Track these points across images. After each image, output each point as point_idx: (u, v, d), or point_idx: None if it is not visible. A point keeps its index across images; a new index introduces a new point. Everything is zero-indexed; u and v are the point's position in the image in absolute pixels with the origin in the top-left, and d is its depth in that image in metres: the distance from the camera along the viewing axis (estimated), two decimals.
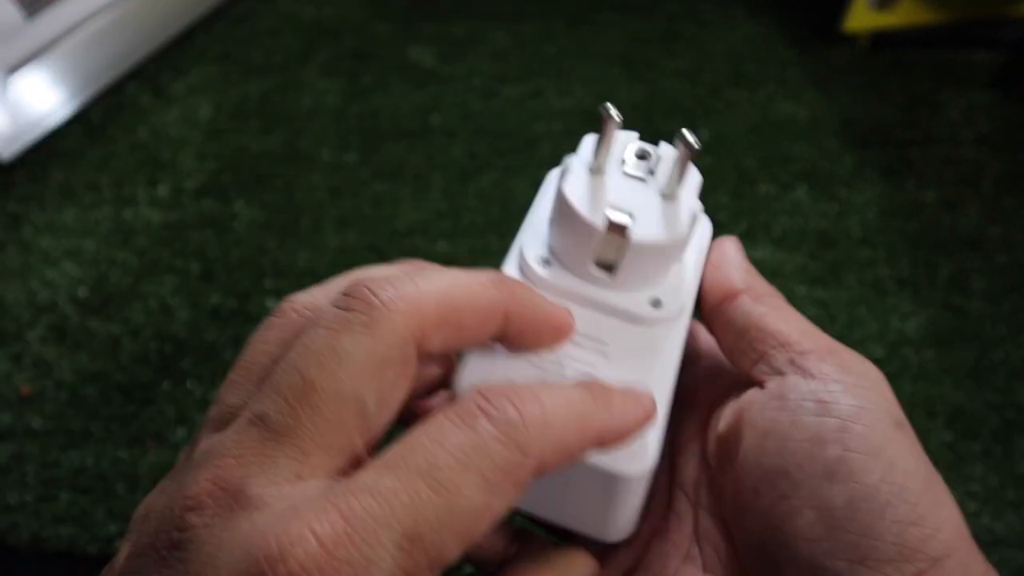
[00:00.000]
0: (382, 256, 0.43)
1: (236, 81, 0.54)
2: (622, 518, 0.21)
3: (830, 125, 0.49)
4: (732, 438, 0.20)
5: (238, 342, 0.40)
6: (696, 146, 0.20)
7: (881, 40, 0.54)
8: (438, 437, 0.14)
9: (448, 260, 0.44)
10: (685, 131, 0.20)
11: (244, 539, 0.13)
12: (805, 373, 0.19)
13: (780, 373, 0.20)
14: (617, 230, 0.20)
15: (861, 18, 0.51)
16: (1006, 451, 0.36)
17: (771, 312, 0.21)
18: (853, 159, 0.47)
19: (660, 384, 0.21)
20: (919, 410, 0.37)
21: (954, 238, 0.44)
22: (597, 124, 0.25)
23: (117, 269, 0.44)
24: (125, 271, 0.43)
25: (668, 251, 0.21)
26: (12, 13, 0.47)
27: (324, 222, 0.45)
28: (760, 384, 0.20)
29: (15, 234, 0.45)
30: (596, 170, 0.22)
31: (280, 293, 0.42)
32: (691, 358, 0.24)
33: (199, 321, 0.41)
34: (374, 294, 0.16)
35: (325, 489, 0.14)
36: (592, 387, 0.17)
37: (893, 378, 0.39)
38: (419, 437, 0.14)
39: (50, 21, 0.49)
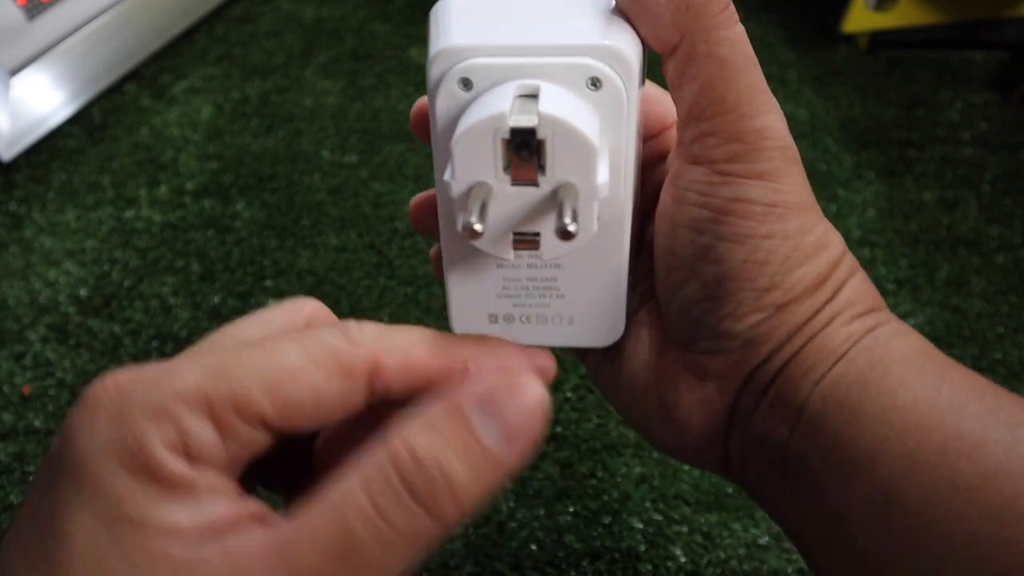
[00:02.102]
0: (382, 255, 0.44)
1: (237, 82, 0.54)
2: (612, 335, 0.24)
3: (829, 125, 0.50)
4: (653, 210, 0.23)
5: None
6: (572, 230, 0.18)
7: (879, 41, 0.54)
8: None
9: None
10: (566, 220, 0.18)
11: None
12: (700, 159, 0.21)
13: (688, 154, 0.21)
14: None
15: (860, 19, 0.52)
16: None
17: (703, 73, 0.21)
18: (852, 159, 0.48)
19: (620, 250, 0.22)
20: None
21: (953, 238, 0.44)
22: None
23: (118, 269, 0.44)
24: (126, 271, 0.44)
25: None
26: (14, 14, 0.47)
27: (324, 222, 0.45)
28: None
29: (17, 234, 0.46)
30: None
31: (280, 293, 0.42)
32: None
33: (200, 321, 0.41)
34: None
35: None
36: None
37: None
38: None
39: (51, 22, 0.50)
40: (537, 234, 0.20)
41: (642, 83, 0.22)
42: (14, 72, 0.48)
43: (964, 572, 0.17)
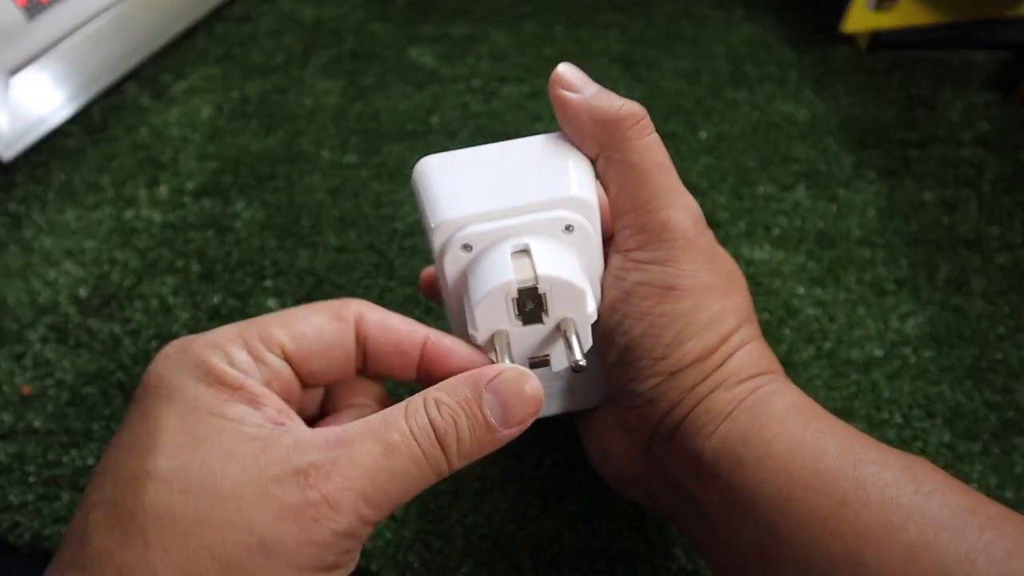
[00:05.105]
0: (382, 255, 0.44)
1: (237, 82, 0.54)
2: (599, 396, 0.29)
3: (829, 126, 0.50)
4: None
5: None
6: (583, 364, 0.23)
7: (880, 41, 0.54)
8: None
9: None
10: (577, 358, 0.23)
11: None
12: (619, 248, 0.26)
13: (613, 244, 0.26)
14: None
15: (860, 19, 0.52)
16: (1004, 451, 0.36)
17: (618, 176, 0.26)
18: (852, 159, 0.48)
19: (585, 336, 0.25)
20: (918, 410, 0.37)
21: (953, 238, 0.44)
22: None
23: (118, 269, 0.44)
24: (126, 271, 0.43)
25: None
26: (14, 14, 0.47)
27: (324, 222, 0.45)
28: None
29: (16, 234, 0.46)
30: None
31: (280, 293, 0.42)
32: None
33: (200, 321, 0.41)
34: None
35: None
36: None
37: (892, 378, 0.40)
38: None
39: (51, 22, 0.49)
40: (547, 356, 0.25)
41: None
42: (14, 72, 0.48)
43: None
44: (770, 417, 0.23)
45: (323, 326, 0.22)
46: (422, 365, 0.24)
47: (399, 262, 0.43)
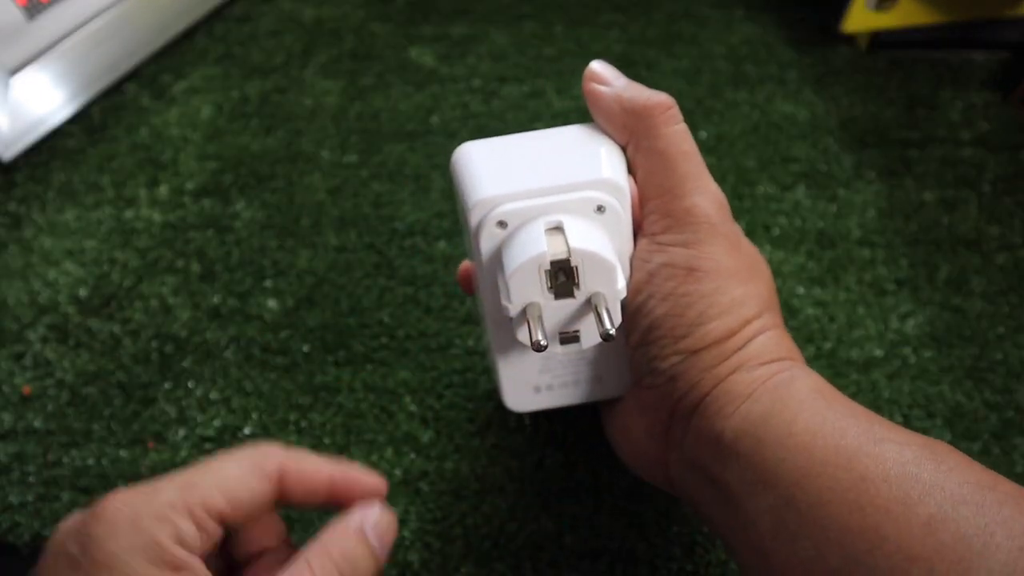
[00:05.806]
0: (382, 255, 0.44)
1: (236, 81, 0.54)
2: (627, 383, 0.29)
3: (829, 126, 0.50)
4: None
5: (238, 342, 0.40)
6: (612, 334, 0.24)
7: (880, 41, 0.54)
8: None
9: (448, 259, 0.44)
10: (607, 327, 0.24)
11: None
12: (645, 231, 0.27)
13: (640, 229, 0.27)
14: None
15: (860, 19, 0.52)
16: (1005, 451, 0.36)
17: (646, 163, 0.26)
18: (852, 159, 0.48)
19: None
20: (918, 410, 0.37)
21: (953, 238, 0.44)
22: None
23: (118, 269, 0.44)
24: (126, 271, 0.43)
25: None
26: (14, 14, 0.47)
27: (324, 222, 0.45)
28: None
29: (16, 234, 0.46)
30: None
31: (280, 293, 0.42)
32: None
33: (200, 321, 0.41)
34: None
35: None
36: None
37: (892, 378, 0.40)
38: None
39: (51, 22, 0.50)
40: (577, 331, 0.26)
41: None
42: (14, 72, 0.48)
43: (839, 557, 0.21)
44: (791, 399, 0.24)
45: (254, 487, 0.24)
46: (329, 497, 0.26)
47: (399, 262, 0.43)
